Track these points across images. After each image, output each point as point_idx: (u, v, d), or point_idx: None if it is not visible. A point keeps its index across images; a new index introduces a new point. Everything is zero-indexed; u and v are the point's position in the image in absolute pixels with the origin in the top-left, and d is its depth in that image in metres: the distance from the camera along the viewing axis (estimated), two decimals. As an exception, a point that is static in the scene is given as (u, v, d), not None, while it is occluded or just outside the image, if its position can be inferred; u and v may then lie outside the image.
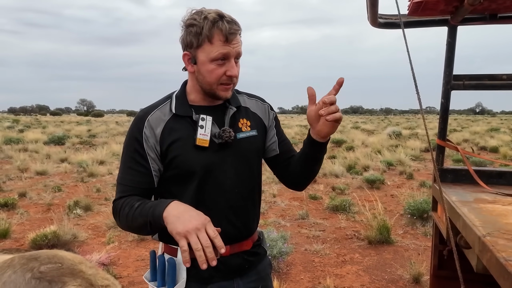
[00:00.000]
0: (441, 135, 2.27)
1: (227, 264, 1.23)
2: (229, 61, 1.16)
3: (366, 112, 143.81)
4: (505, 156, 11.31)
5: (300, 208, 5.98)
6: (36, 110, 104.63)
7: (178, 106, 1.22)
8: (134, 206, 1.13)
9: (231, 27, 1.12)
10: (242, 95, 1.35)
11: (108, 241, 4.49)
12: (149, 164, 1.19)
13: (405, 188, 7.12)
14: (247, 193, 1.27)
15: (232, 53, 1.15)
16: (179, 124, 1.20)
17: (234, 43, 1.14)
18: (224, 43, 1.13)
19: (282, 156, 1.36)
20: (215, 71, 1.15)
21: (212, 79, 1.17)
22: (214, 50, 1.13)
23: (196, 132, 1.18)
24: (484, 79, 2.16)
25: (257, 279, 1.31)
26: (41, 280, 1.17)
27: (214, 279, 1.23)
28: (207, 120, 1.20)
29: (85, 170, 9.02)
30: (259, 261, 1.34)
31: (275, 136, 1.36)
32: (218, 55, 1.13)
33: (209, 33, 1.12)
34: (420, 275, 3.47)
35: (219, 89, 1.18)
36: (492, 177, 2.18)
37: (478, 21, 2.10)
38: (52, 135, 17.40)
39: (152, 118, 1.20)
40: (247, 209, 1.27)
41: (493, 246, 1.13)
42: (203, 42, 1.13)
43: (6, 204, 5.84)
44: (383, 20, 2.21)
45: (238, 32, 1.15)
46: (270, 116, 1.36)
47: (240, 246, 1.26)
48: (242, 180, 1.25)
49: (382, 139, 16.64)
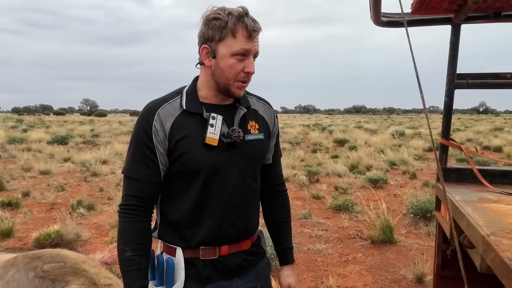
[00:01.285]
0: (445, 134, 2.26)
1: (225, 263, 1.23)
2: (249, 58, 1.16)
3: (369, 112, 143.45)
4: (509, 156, 11.25)
5: (303, 207, 5.98)
6: (40, 110, 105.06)
7: (189, 103, 1.21)
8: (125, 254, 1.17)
9: (255, 24, 1.14)
10: (252, 97, 1.34)
11: (111, 240, 4.49)
12: (157, 159, 1.18)
13: (408, 187, 7.09)
14: (250, 194, 1.27)
15: (253, 50, 1.16)
16: (189, 120, 1.19)
17: (256, 41, 1.16)
18: (247, 39, 1.14)
19: (272, 167, 1.38)
20: (235, 66, 1.16)
21: (231, 74, 1.17)
22: (237, 45, 1.14)
23: (206, 131, 1.18)
24: (488, 78, 2.15)
25: (256, 278, 1.31)
26: (44, 279, 1.17)
27: (212, 279, 1.23)
28: (218, 119, 1.19)
29: (88, 169, 9.05)
30: (258, 261, 1.34)
31: (273, 145, 1.37)
32: (240, 50, 1.14)
33: (233, 27, 1.12)
34: (424, 275, 3.45)
35: (234, 86, 1.18)
36: (496, 177, 2.16)
37: (482, 19, 2.09)
38: (55, 135, 17.48)
39: (162, 111, 1.18)
40: (249, 210, 1.27)
41: (497, 246, 1.12)
42: (226, 36, 1.14)
43: (9, 203, 5.87)
44: (386, 19, 2.20)
45: (259, 31, 1.16)
46: (276, 123, 1.37)
47: (238, 246, 1.26)
48: (246, 181, 1.25)
49: (385, 138, 16.59)
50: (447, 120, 2.25)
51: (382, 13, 2.12)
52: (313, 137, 18.04)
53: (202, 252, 1.22)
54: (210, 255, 1.22)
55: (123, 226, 1.18)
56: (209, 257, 1.22)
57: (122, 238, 1.17)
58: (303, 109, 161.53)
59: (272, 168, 1.38)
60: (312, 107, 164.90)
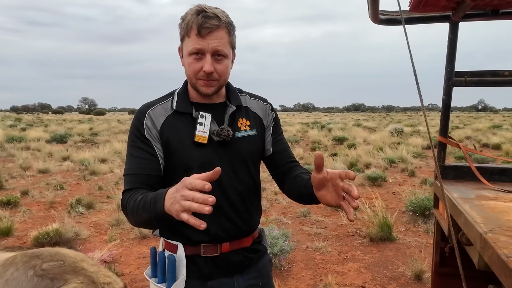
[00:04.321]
0: (443, 132, 2.26)
1: (227, 260, 1.24)
2: (205, 56, 1.15)
3: (368, 110, 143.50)
4: (507, 153, 11.27)
5: (302, 205, 5.99)
6: (38, 108, 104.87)
7: (179, 103, 1.23)
8: (137, 200, 1.08)
9: (206, 21, 1.12)
10: (244, 95, 1.35)
11: (110, 239, 4.50)
12: (154, 151, 1.19)
13: (407, 185, 7.10)
14: (246, 190, 1.28)
15: (207, 48, 1.14)
16: (179, 120, 1.22)
17: (211, 39, 1.13)
18: (198, 37, 1.13)
19: (276, 156, 1.34)
20: (192, 65, 1.17)
21: (189, 73, 1.19)
22: (190, 44, 1.15)
23: (195, 129, 1.19)
24: (486, 76, 2.15)
25: (257, 276, 1.31)
26: (43, 278, 1.18)
27: (214, 276, 1.23)
28: (206, 117, 1.21)
29: (87, 168, 9.05)
30: (259, 258, 1.34)
31: (270, 136, 1.35)
32: (192, 49, 1.15)
33: (186, 26, 1.14)
34: (422, 272, 3.46)
35: (199, 84, 1.20)
36: (494, 174, 2.17)
37: (480, 17, 2.09)
38: (54, 134, 17.45)
39: (153, 111, 1.22)
40: (246, 206, 1.28)
41: (495, 243, 1.13)
42: (184, 36, 1.17)
43: (8, 202, 5.87)
44: (384, 17, 2.20)
45: (215, 28, 1.13)
46: (270, 116, 1.37)
47: (240, 243, 1.27)
48: (240, 178, 1.26)
49: (384, 136, 16.61)
50: (445, 118, 2.26)
51: (380, 10, 2.12)
52: (312, 135, 18.04)
53: (204, 249, 1.22)
54: (211, 252, 1.23)
55: (125, 202, 1.13)
56: (211, 254, 1.23)
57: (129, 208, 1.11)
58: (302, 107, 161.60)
59: (278, 157, 1.35)
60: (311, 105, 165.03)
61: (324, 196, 1.08)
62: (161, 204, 0.99)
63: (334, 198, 1.06)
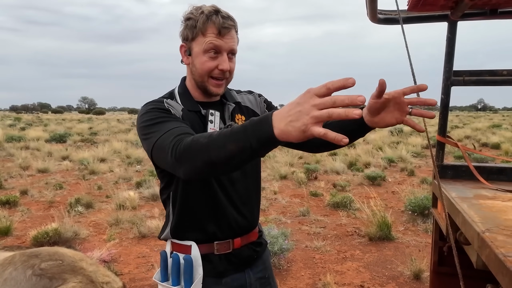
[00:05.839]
0: (441, 131, 2.26)
1: (239, 256, 1.27)
2: (222, 55, 1.17)
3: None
4: (507, 153, 11.28)
5: (301, 205, 5.99)
6: (38, 108, 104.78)
7: (185, 102, 1.23)
8: (213, 134, 0.87)
9: (225, 21, 1.15)
10: (232, 92, 1.38)
11: (109, 238, 4.50)
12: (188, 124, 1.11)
13: (406, 184, 7.11)
14: (252, 183, 1.31)
15: (225, 47, 1.16)
16: (190, 117, 1.21)
17: (228, 38, 1.16)
18: (217, 36, 1.15)
19: None
20: (207, 63, 1.17)
21: (203, 71, 1.18)
22: (207, 42, 1.15)
23: (206, 127, 1.20)
24: (484, 75, 2.15)
25: (263, 268, 1.35)
26: (41, 277, 1.18)
27: (228, 272, 1.25)
28: (216, 115, 1.23)
29: (86, 167, 9.05)
30: (263, 251, 1.38)
31: (266, 110, 1.37)
32: (210, 46, 1.15)
33: (202, 26, 1.14)
34: (421, 272, 3.47)
35: (210, 83, 1.20)
36: (492, 173, 2.17)
37: (479, 16, 2.09)
38: (53, 133, 17.44)
39: (169, 103, 1.19)
40: (252, 199, 1.31)
41: (492, 242, 1.13)
42: (197, 34, 1.16)
43: (7, 201, 5.87)
44: (383, 16, 2.20)
45: (232, 28, 1.17)
46: (259, 102, 1.39)
47: (248, 237, 1.30)
48: (247, 171, 1.28)
49: (383, 136, 16.62)
50: (444, 117, 2.26)
51: (378, 10, 2.13)
52: (311, 135, 18.02)
53: (217, 247, 1.24)
54: (224, 249, 1.24)
55: (189, 142, 0.91)
56: (224, 251, 1.24)
57: (198, 145, 0.89)
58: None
59: None
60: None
61: (382, 118, 1.05)
62: (267, 127, 0.78)
63: (395, 117, 1.03)
